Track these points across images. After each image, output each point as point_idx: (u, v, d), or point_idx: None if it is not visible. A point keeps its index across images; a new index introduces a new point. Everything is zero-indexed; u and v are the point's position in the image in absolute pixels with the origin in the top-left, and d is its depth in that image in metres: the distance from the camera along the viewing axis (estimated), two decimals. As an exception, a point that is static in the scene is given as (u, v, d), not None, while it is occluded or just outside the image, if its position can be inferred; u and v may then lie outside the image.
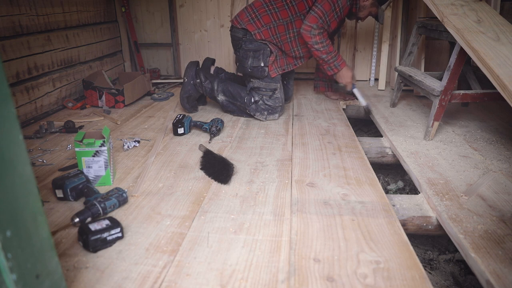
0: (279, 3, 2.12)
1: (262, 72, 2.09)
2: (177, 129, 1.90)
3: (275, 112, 2.15)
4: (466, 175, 1.46)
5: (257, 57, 2.08)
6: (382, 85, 2.84)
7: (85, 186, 1.29)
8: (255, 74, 2.10)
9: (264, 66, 2.08)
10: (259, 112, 2.13)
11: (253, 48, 2.09)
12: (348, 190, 1.35)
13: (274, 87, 2.12)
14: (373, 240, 1.06)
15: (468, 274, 1.31)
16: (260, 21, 2.10)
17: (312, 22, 2.03)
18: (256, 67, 2.08)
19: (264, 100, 2.12)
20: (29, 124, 2.11)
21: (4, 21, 1.96)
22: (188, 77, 2.25)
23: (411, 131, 1.94)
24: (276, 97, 2.13)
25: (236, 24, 2.15)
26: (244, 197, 1.31)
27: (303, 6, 2.10)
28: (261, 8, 2.12)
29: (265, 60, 2.08)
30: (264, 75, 2.09)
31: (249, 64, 2.09)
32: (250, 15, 2.12)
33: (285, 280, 0.91)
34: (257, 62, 2.08)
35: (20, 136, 0.58)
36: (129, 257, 1.00)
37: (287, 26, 2.12)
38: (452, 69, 1.68)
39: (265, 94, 2.12)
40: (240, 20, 2.14)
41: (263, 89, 2.11)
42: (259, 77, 2.10)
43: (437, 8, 1.73)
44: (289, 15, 2.11)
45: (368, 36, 3.03)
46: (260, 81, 2.11)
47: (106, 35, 3.02)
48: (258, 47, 2.09)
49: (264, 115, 2.13)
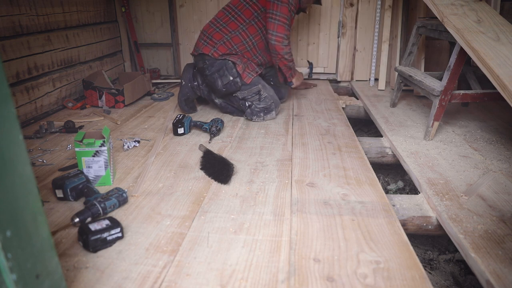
0: (225, 18, 2.13)
1: (236, 84, 2.08)
2: (177, 129, 1.90)
3: (270, 110, 2.15)
4: (466, 175, 1.46)
5: (223, 74, 2.07)
6: (382, 85, 2.84)
7: (85, 186, 1.29)
8: (231, 90, 2.10)
9: (234, 79, 2.06)
10: (255, 115, 2.12)
11: (215, 70, 2.07)
12: (348, 190, 1.35)
13: (256, 89, 2.11)
14: (373, 240, 1.06)
15: (468, 274, 1.31)
16: (212, 40, 2.10)
17: (282, 32, 2.02)
18: (228, 83, 2.07)
19: (255, 104, 2.12)
20: (29, 124, 2.11)
21: (4, 21, 1.96)
22: (185, 80, 2.25)
23: (411, 131, 1.94)
24: (264, 97, 2.12)
25: (194, 53, 2.16)
26: (244, 197, 1.31)
27: (249, 12, 2.09)
28: (210, 28, 2.14)
29: (232, 73, 2.06)
30: (239, 86, 2.08)
31: (220, 84, 2.08)
32: (202, 39, 2.14)
33: (285, 280, 0.91)
34: (226, 79, 2.06)
35: (20, 136, 0.58)
36: (129, 257, 1.00)
37: (241, 36, 2.11)
38: (452, 69, 1.68)
39: (253, 99, 2.12)
40: (196, 48, 2.16)
41: (248, 97, 2.11)
42: (236, 89, 2.10)
43: (437, 8, 1.73)
44: (238, 25, 2.10)
45: (368, 36, 3.03)
46: (241, 92, 2.11)
47: (106, 35, 3.02)
48: (219, 66, 2.07)
49: (261, 117, 2.14)
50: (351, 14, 3.00)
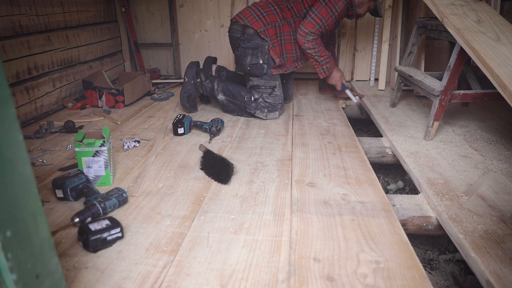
0: (282, 4, 2.15)
1: (261, 70, 2.10)
2: (177, 129, 1.90)
3: (275, 109, 2.16)
4: (466, 175, 1.46)
5: (255, 54, 2.09)
6: (382, 85, 2.84)
7: (85, 186, 1.29)
8: (254, 72, 2.11)
9: (263, 64, 2.09)
10: (260, 110, 2.13)
11: (251, 46, 2.09)
12: (348, 190, 1.35)
13: (273, 84, 2.13)
14: (373, 240, 1.06)
15: (468, 274, 1.31)
16: (266, 19, 2.11)
17: (308, 28, 2.07)
18: (255, 64, 2.09)
19: (264, 97, 2.13)
20: (29, 124, 2.11)
21: (4, 21, 1.96)
22: (188, 77, 2.25)
23: (411, 131, 1.94)
24: (275, 94, 2.14)
25: (239, 20, 2.15)
26: (244, 197, 1.31)
27: (300, 7, 2.14)
28: (266, 7, 2.14)
29: (264, 58, 2.09)
30: (263, 72, 2.10)
31: (247, 62, 2.10)
32: (255, 13, 2.13)
33: (285, 280, 0.91)
34: (256, 60, 2.09)
35: (20, 136, 0.58)
36: (129, 257, 1.00)
37: (291, 26, 2.15)
38: (452, 69, 1.68)
39: (265, 91, 2.13)
40: (243, 16, 2.14)
41: (262, 87, 2.13)
42: (258, 74, 2.11)
43: (437, 8, 1.73)
44: (292, 15, 2.14)
45: (368, 36, 3.03)
46: (259, 79, 2.12)
47: (106, 35, 3.02)
48: (256, 45, 2.09)
49: (264, 113, 2.14)
50: (351, 14, 3.00)
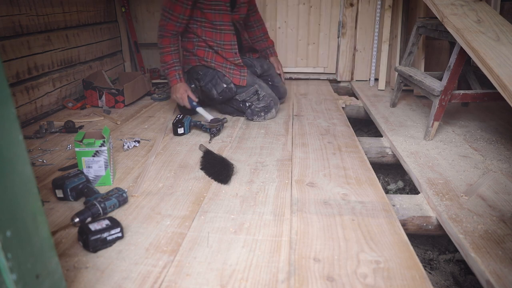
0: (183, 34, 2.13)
1: (231, 91, 2.08)
2: (177, 129, 1.90)
3: (270, 109, 2.13)
4: (466, 175, 1.46)
5: (216, 83, 2.07)
6: (382, 85, 2.84)
7: (85, 186, 1.28)
8: (227, 96, 2.10)
9: (228, 85, 2.06)
10: (256, 115, 2.12)
11: (208, 80, 2.08)
12: (348, 190, 1.35)
13: (254, 90, 2.10)
14: (373, 240, 1.06)
15: (468, 274, 1.31)
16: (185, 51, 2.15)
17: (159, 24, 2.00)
18: (222, 90, 2.07)
19: (255, 104, 2.11)
20: (29, 124, 2.11)
21: (4, 21, 1.96)
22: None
23: (411, 131, 1.94)
24: (263, 95, 2.11)
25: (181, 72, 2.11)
26: (244, 197, 1.31)
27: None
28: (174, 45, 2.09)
29: (224, 80, 2.06)
30: (234, 91, 2.08)
31: (215, 93, 2.08)
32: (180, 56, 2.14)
33: (285, 280, 0.91)
34: (220, 87, 2.06)
35: (20, 136, 0.58)
36: (129, 257, 1.00)
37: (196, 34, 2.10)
38: (452, 69, 1.68)
39: (253, 99, 2.11)
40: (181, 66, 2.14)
41: (247, 98, 2.11)
42: (232, 95, 2.09)
43: (437, 8, 1.73)
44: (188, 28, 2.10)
45: (368, 36, 3.03)
46: (239, 95, 2.11)
47: (106, 35, 3.02)
48: (211, 75, 2.07)
49: (262, 116, 2.13)
50: (351, 14, 3.00)
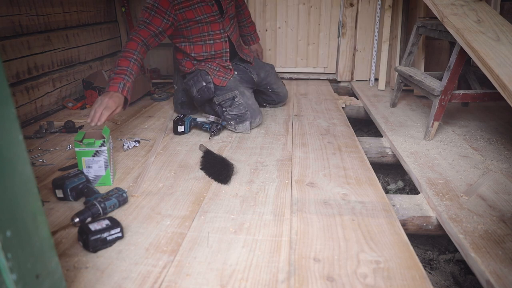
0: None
1: (209, 90, 1.99)
2: (177, 126, 1.89)
3: (244, 120, 1.93)
4: (466, 175, 1.46)
5: (196, 81, 2.01)
6: (382, 85, 2.84)
7: (85, 186, 1.28)
8: (205, 96, 2.01)
9: (207, 84, 1.99)
10: (227, 121, 1.97)
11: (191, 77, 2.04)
12: (348, 190, 1.35)
13: (231, 95, 1.97)
14: (373, 240, 1.06)
15: (468, 274, 1.31)
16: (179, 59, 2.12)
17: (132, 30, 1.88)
18: (200, 88, 1.99)
19: (228, 110, 1.95)
20: (29, 124, 2.11)
21: (4, 21, 1.96)
22: (177, 85, 2.23)
23: (411, 131, 1.94)
24: (238, 103, 1.95)
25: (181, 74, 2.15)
26: (244, 197, 1.31)
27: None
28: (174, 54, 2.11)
29: (205, 78, 2.00)
30: (212, 91, 1.99)
31: (194, 91, 2.01)
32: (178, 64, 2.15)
33: (285, 280, 0.91)
34: (199, 85, 1.99)
35: (20, 136, 0.58)
36: (129, 257, 1.00)
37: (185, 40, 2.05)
38: (452, 69, 1.68)
39: (226, 104, 1.98)
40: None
41: (223, 102, 1.99)
42: (210, 95, 2.00)
43: (437, 8, 1.73)
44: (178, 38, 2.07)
45: (368, 36, 3.03)
46: (217, 97, 2.00)
47: (106, 35, 3.02)
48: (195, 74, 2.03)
49: (232, 125, 1.95)
50: (351, 14, 3.00)
